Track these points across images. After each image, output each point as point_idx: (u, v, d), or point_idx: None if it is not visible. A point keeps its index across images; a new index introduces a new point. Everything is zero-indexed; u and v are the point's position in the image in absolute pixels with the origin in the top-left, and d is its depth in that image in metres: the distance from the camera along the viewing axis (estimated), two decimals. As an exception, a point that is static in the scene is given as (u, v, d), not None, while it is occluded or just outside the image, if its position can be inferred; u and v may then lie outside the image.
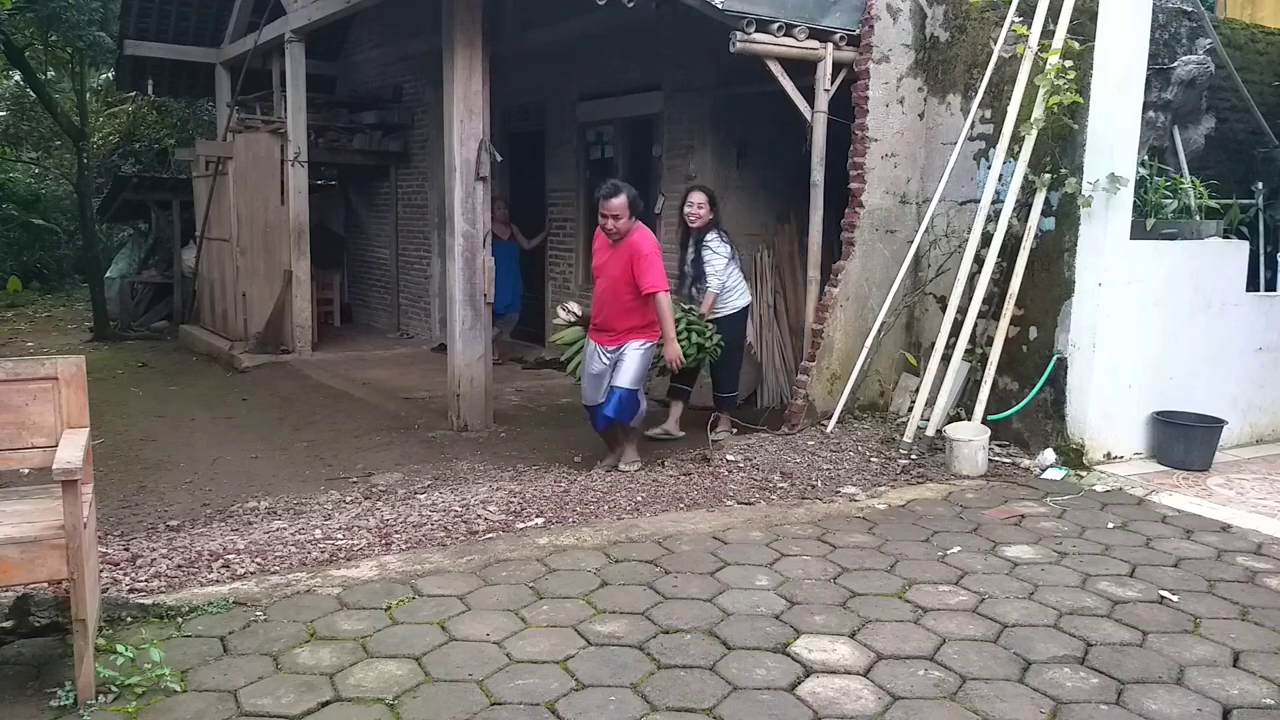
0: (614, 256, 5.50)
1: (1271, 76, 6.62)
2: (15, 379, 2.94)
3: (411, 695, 2.80)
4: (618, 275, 5.48)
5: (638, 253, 5.39)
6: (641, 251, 5.38)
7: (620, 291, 5.48)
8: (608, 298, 5.56)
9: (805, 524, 4.40)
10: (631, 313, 5.50)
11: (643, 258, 5.36)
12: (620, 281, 5.46)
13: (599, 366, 5.57)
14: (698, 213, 6.39)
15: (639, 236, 5.45)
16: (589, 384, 5.66)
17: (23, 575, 2.66)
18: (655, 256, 5.42)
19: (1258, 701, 2.85)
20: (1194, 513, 4.62)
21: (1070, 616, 3.42)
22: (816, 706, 2.77)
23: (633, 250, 5.40)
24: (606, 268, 5.56)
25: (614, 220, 5.40)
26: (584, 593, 3.54)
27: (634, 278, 5.39)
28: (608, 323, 5.57)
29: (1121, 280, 5.30)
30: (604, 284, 5.58)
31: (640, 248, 5.39)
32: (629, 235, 5.46)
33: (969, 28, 6.07)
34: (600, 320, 5.62)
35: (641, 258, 5.36)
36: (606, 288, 5.56)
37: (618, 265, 5.47)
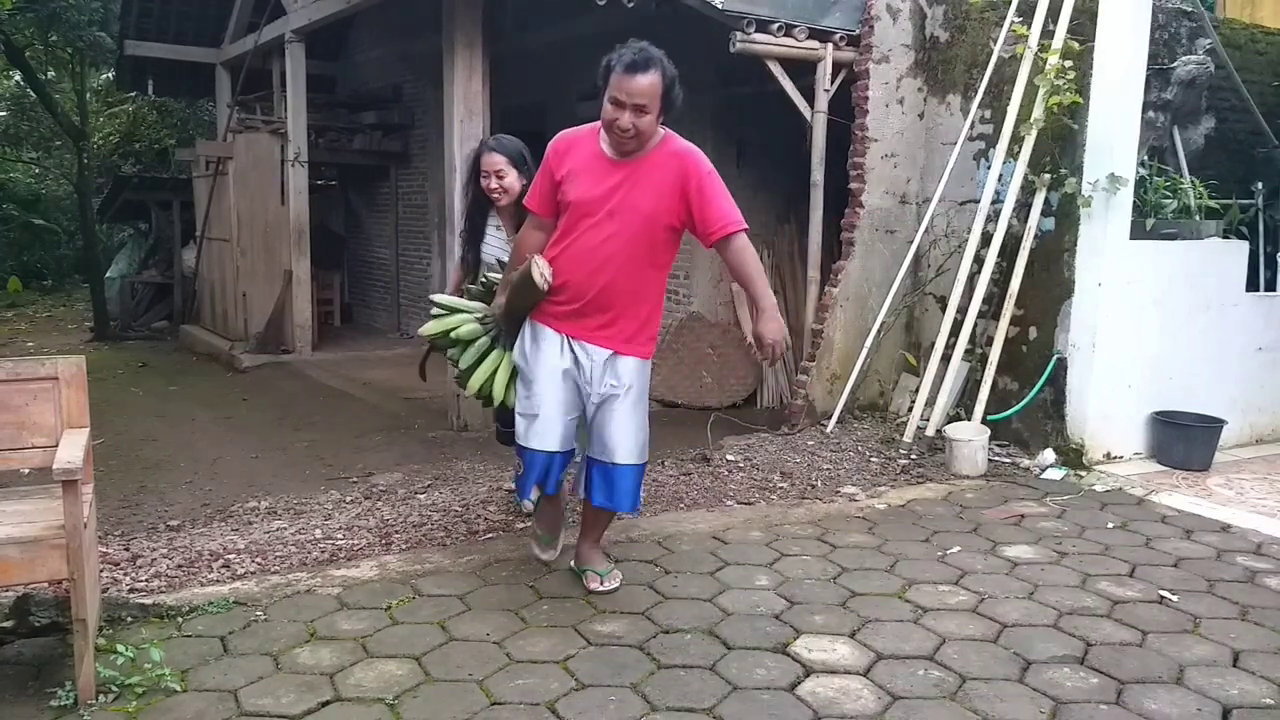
0: (631, 182, 3.24)
1: (1271, 76, 6.62)
2: (15, 379, 2.94)
3: (412, 695, 2.80)
4: (643, 217, 3.24)
5: (694, 172, 3.23)
6: (702, 170, 3.25)
7: (639, 250, 3.27)
8: (611, 258, 3.25)
9: (805, 524, 4.40)
10: (645, 292, 3.35)
11: (705, 177, 3.24)
12: (647, 229, 3.26)
13: (566, 377, 3.34)
14: (503, 187, 4.01)
15: (685, 149, 3.30)
16: (550, 405, 3.33)
17: (23, 575, 2.66)
18: (719, 178, 3.31)
19: (1258, 701, 2.85)
20: (1194, 513, 4.62)
21: (1070, 616, 3.42)
22: (816, 706, 2.77)
23: (683, 169, 3.24)
24: (614, 203, 3.24)
25: (636, 114, 3.12)
26: (584, 592, 3.54)
27: (680, 221, 3.28)
28: (602, 302, 3.29)
29: (1121, 280, 5.31)
30: (605, 233, 3.24)
31: (698, 163, 3.26)
32: (661, 146, 3.28)
33: (969, 28, 6.07)
34: (582, 297, 3.28)
35: (704, 178, 3.24)
36: (612, 240, 3.24)
37: (646, 197, 3.24)
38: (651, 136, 3.23)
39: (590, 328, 3.32)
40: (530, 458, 3.38)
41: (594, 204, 3.23)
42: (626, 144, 3.19)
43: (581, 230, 3.26)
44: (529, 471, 3.39)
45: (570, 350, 3.35)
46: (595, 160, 3.28)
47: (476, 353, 3.65)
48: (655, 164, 3.25)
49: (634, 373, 3.35)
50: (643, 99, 3.10)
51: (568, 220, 3.29)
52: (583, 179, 3.26)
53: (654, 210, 3.23)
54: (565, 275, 3.28)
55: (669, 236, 3.33)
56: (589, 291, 3.27)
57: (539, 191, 3.39)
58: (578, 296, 3.29)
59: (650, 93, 3.11)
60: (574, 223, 3.27)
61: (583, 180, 3.26)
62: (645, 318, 3.38)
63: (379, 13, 9.95)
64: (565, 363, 3.34)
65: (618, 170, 3.24)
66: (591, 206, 3.24)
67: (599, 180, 3.24)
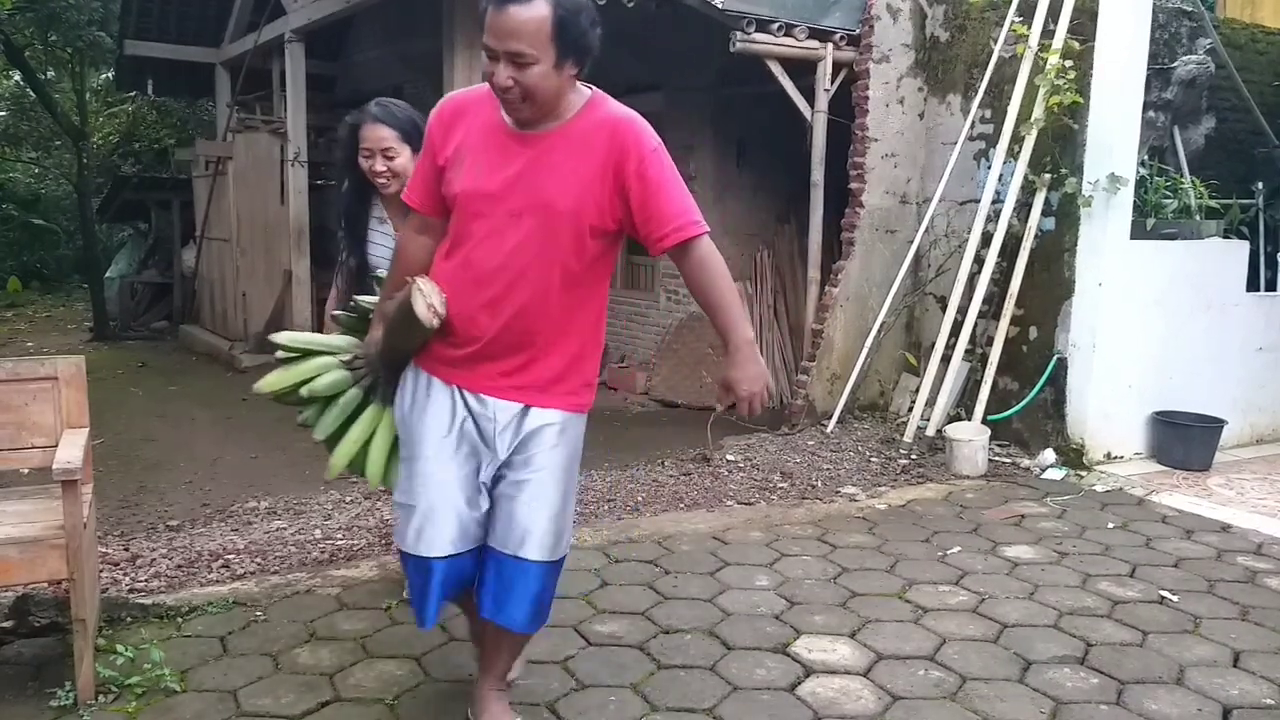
0: (541, 166, 2.25)
1: (1272, 76, 6.62)
2: (15, 379, 2.94)
3: (411, 695, 2.80)
4: (560, 217, 2.25)
5: (633, 149, 2.24)
6: (644, 146, 2.25)
7: (559, 263, 2.28)
8: (520, 277, 2.28)
9: (805, 524, 4.40)
10: (573, 321, 2.37)
11: (649, 157, 2.24)
12: (568, 234, 2.26)
13: (463, 447, 2.36)
14: (391, 169, 3.05)
15: (619, 116, 2.28)
16: (439, 490, 2.35)
17: (23, 575, 2.66)
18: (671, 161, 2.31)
19: (1258, 701, 2.85)
20: (1194, 513, 4.62)
21: (1070, 616, 3.42)
22: (817, 706, 2.77)
23: (617, 145, 2.24)
24: (518, 197, 2.25)
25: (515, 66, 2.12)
26: (584, 592, 3.54)
27: (615, 221, 2.28)
28: (510, 340, 2.33)
29: (1122, 280, 5.30)
30: (509, 242, 2.26)
31: (639, 137, 2.25)
32: (585, 113, 2.27)
33: (969, 27, 6.07)
34: (481, 335, 2.32)
35: (648, 158, 2.24)
36: (520, 252, 2.27)
37: (563, 188, 2.24)
38: (555, 97, 2.17)
39: (492, 375, 2.32)
40: (415, 569, 2.36)
41: (488, 199, 2.23)
42: (517, 110, 2.17)
43: (476, 238, 2.25)
44: (417, 588, 2.39)
45: (466, 408, 2.34)
46: (492, 135, 2.25)
47: (342, 413, 2.66)
48: (576, 138, 2.22)
49: (556, 433, 2.35)
50: (519, 42, 2.07)
51: (456, 223, 2.30)
52: (473, 162, 2.24)
53: (576, 206, 2.21)
54: (455, 304, 2.29)
55: (602, 243, 2.29)
56: (490, 326, 2.27)
57: (420, 178, 2.40)
58: (475, 334, 2.29)
59: (529, 31, 2.07)
60: (464, 226, 2.27)
61: (473, 164, 2.24)
62: (574, 355, 2.36)
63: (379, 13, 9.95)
64: (460, 427, 2.34)
65: (522, 149, 2.22)
66: (485, 203, 2.23)
67: (496, 164, 2.23)
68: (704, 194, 7.90)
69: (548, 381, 2.36)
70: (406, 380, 2.45)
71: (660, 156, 2.25)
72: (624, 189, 2.23)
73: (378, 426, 2.67)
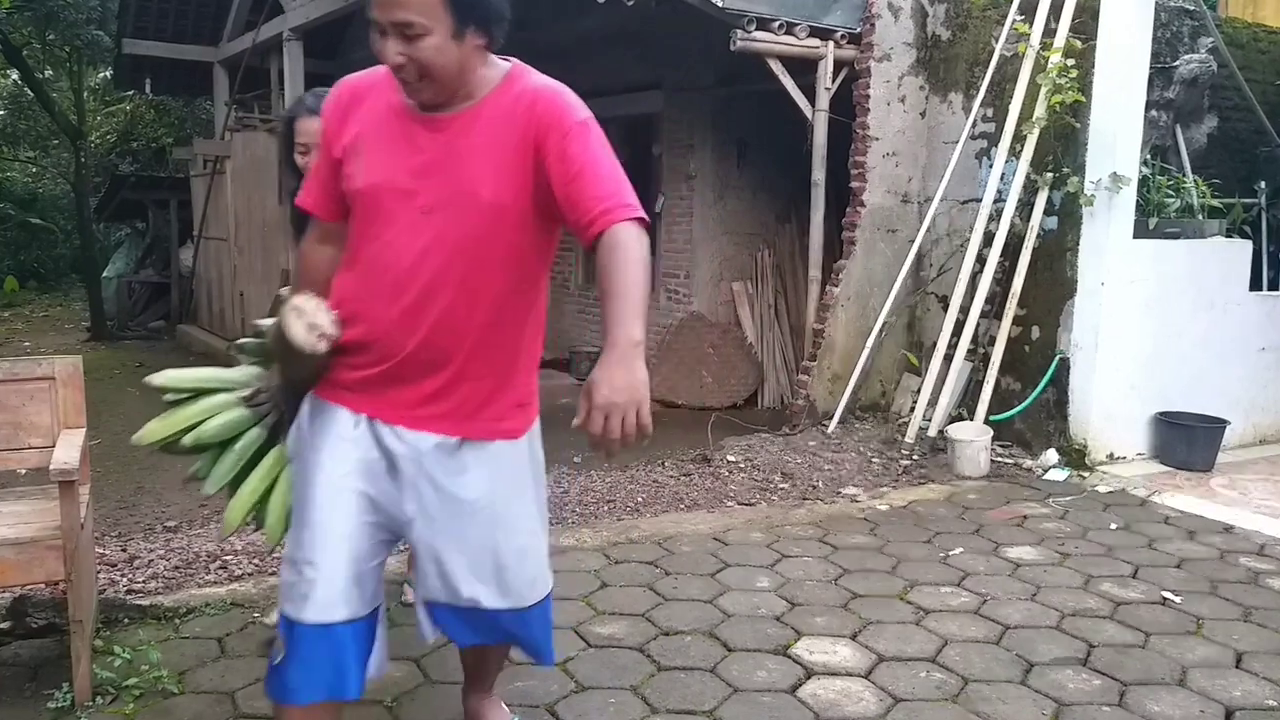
0: (454, 153, 1.93)
1: (1274, 75, 6.60)
2: (12, 379, 2.92)
3: (410, 697, 2.79)
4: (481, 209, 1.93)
5: (555, 123, 1.91)
6: (567, 119, 1.92)
7: (483, 263, 1.96)
8: (436, 283, 1.94)
9: (806, 525, 4.38)
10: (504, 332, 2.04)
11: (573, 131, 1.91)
12: (491, 229, 1.94)
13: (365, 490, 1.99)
14: None
15: (538, 87, 1.98)
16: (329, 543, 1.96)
17: (19, 576, 2.64)
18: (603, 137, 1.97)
19: (1260, 703, 2.84)
20: (1197, 513, 4.61)
21: (1072, 618, 3.40)
22: (818, 708, 2.76)
23: (536, 120, 1.92)
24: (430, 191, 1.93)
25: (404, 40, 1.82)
26: (583, 594, 3.52)
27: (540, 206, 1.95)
28: (428, 357, 1.97)
29: (1124, 279, 5.29)
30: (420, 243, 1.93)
31: (562, 109, 1.94)
32: (502, 89, 1.96)
33: (970, 26, 6.06)
34: (393, 353, 1.97)
35: (572, 132, 1.91)
36: (432, 253, 1.93)
37: (481, 175, 1.92)
38: (459, 73, 1.87)
39: (408, 402, 1.96)
40: (297, 636, 1.95)
41: (395, 195, 1.92)
42: (416, 92, 1.89)
43: (382, 240, 1.93)
44: (295, 659, 1.96)
45: (377, 444, 1.98)
46: (396, 121, 1.94)
47: (239, 459, 2.30)
48: (492, 118, 1.91)
49: (499, 469, 2.03)
50: (404, 11, 1.80)
51: (358, 224, 1.98)
52: (374, 153, 1.94)
53: (496, 195, 1.90)
54: (363, 318, 1.95)
55: (534, 234, 1.97)
56: (403, 343, 1.93)
57: (317, 178, 2.08)
58: (386, 352, 1.94)
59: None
60: (367, 228, 1.96)
61: (374, 155, 1.94)
62: (505, 370, 2.02)
63: (378, 11, 9.94)
64: (366, 466, 1.97)
65: (431, 135, 1.92)
66: (390, 199, 1.92)
67: (401, 153, 1.93)
68: (704, 194, 7.89)
69: (476, 406, 2.00)
70: (303, 411, 2.07)
71: (587, 131, 1.92)
72: (545, 170, 1.90)
73: (280, 474, 2.27)
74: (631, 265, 1.82)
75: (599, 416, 1.68)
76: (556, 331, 9.86)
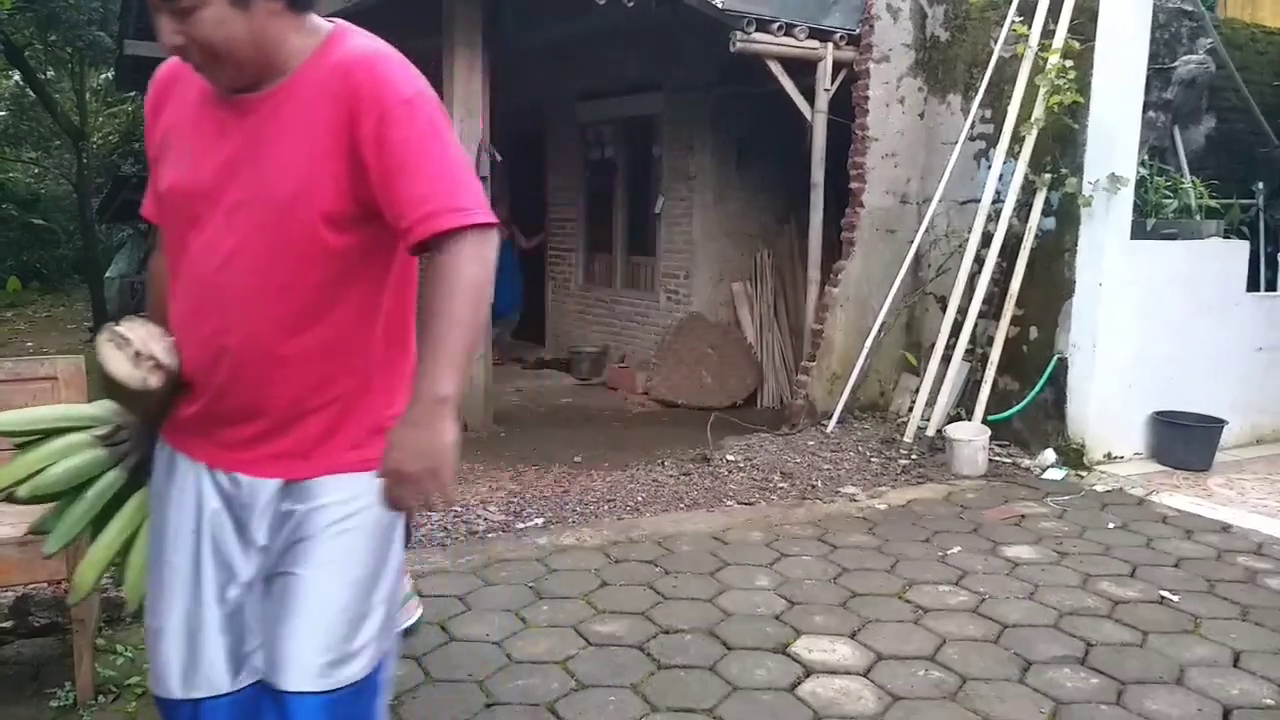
0: (257, 142, 1.59)
1: (1272, 76, 6.62)
2: (15, 378, 2.94)
3: (411, 695, 2.80)
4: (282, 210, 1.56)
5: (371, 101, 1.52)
6: (388, 97, 1.53)
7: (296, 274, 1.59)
8: (239, 299, 1.60)
9: (805, 524, 4.40)
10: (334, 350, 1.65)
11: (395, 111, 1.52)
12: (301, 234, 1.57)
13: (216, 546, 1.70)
14: None
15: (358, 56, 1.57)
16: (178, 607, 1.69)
17: (22, 575, 2.65)
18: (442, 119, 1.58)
19: (1258, 701, 2.85)
20: (1194, 513, 4.62)
21: (1071, 617, 3.41)
22: (817, 707, 2.77)
23: (350, 96, 1.53)
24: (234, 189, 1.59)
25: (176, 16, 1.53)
26: (584, 593, 3.54)
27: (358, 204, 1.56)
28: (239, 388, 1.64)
29: (1122, 280, 5.30)
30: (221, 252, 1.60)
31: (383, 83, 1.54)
32: (315, 60, 1.58)
33: (969, 27, 6.07)
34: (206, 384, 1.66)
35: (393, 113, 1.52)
36: (232, 264, 1.59)
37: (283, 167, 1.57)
38: (256, 46, 1.53)
39: (238, 442, 1.66)
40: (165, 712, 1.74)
41: (200, 198, 1.61)
42: (211, 75, 1.58)
43: (190, 252, 1.63)
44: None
45: (217, 492, 1.69)
46: (204, 109, 1.64)
47: (91, 508, 1.91)
48: (302, 96, 1.57)
49: (338, 510, 1.66)
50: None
51: (169, 233, 1.70)
52: (181, 148, 1.65)
53: (302, 189, 1.55)
54: (182, 345, 1.67)
55: (363, 236, 1.60)
56: (215, 372, 1.64)
57: (151, 182, 1.76)
58: (202, 384, 1.67)
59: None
60: (177, 237, 1.67)
61: (181, 150, 1.65)
62: (350, 394, 1.67)
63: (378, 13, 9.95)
64: (209, 519, 1.69)
65: (238, 122, 1.60)
66: (196, 203, 1.62)
67: (208, 147, 1.61)
68: (704, 195, 7.91)
69: (316, 439, 1.66)
70: (158, 455, 1.79)
71: (414, 110, 1.53)
72: (361, 159, 1.53)
73: (142, 523, 1.89)
74: (451, 298, 1.51)
75: (388, 485, 1.51)
76: (557, 331, 9.88)
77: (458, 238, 1.50)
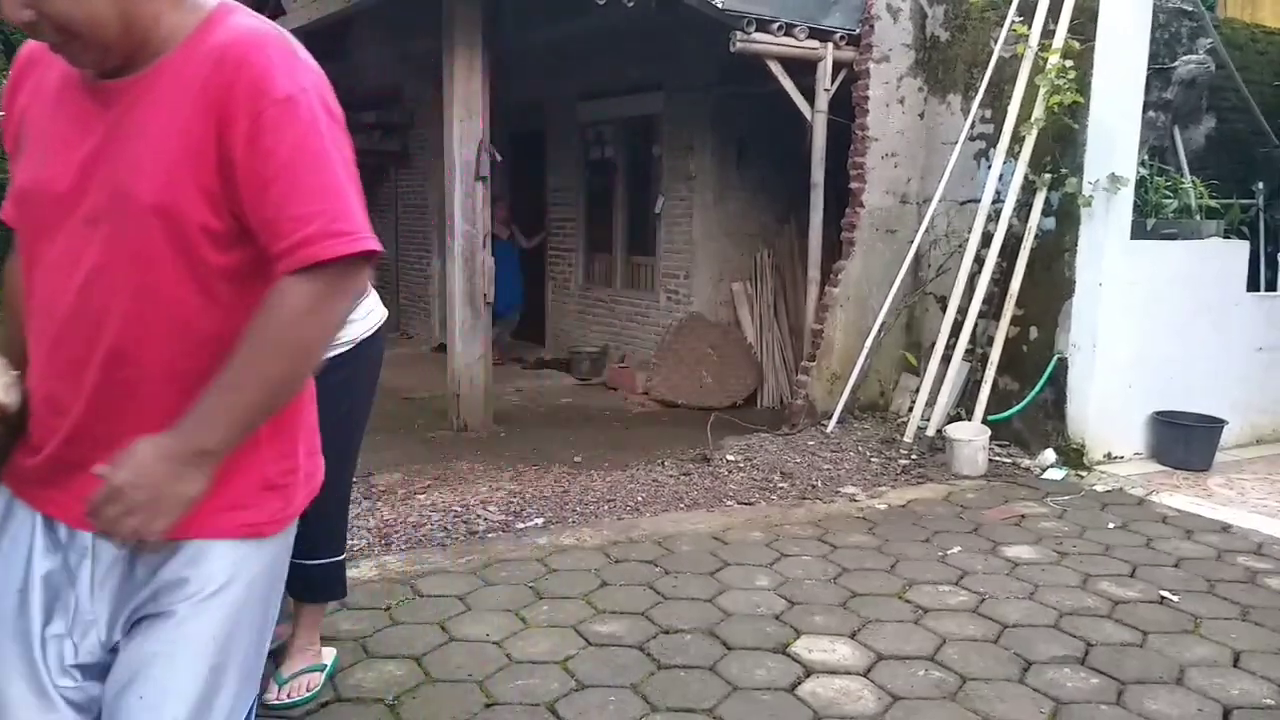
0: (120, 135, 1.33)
1: (1272, 76, 6.62)
2: (15, 379, 2.94)
3: (411, 696, 2.80)
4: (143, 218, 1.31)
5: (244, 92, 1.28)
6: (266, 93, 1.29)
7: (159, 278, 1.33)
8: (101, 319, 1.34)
9: (805, 524, 4.40)
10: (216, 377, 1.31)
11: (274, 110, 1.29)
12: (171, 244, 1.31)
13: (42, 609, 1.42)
14: None
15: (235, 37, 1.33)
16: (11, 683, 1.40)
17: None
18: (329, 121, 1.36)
19: (1258, 701, 2.85)
20: (1194, 513, 4.62)
21: (1071, 617, 3.41)
22: (817, 707, 2.77)
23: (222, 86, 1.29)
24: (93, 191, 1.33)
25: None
26: (584, 593, 3.54)
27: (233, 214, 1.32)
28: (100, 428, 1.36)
29: (1122, 280, 5.30)
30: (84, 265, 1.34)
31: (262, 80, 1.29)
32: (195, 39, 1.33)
33: (969, 27, 6.07)
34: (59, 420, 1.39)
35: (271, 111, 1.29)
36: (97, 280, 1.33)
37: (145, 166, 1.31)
38: (120, 23, 1.30)
39: (87, 492, 1.31)
40: None
41: (54, 202, 1.38)
42: (69, 56, 1.34)
43: (44, 265, 1.40)
44: None
45: (55, 547, 1.44)
46: (65, 95, 1.40)
47: None
48: (171, 85, 1.33)
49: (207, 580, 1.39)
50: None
51: (22, 242, 1.46)
52: (38, 143, 1.42)
53: (168, 196, 1.31)
54: (32, 375, 1.44)
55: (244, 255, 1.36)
56: (67, 411, 1.39)
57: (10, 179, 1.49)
58: (51, 424, 1.42)
59: None
60: (30, 248, 1.44)
61: (38, 145, 1.42)
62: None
63: (378, 13, 9.96)
64: (41, 580, 1.43)
65: (102, 112, 1.36)
66: (50, 208, 1.38)
67: (68, 142, 1.38)
68: (704, 194, 7.91)
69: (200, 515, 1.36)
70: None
71: (292, 112, 1.29)
72: (231, 164, 1.29)
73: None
74: (264, 345, 1.29)
75: (100, 496, 1.27)
76: (557, 331, 9.88)
77: (317, 273, 1.29)
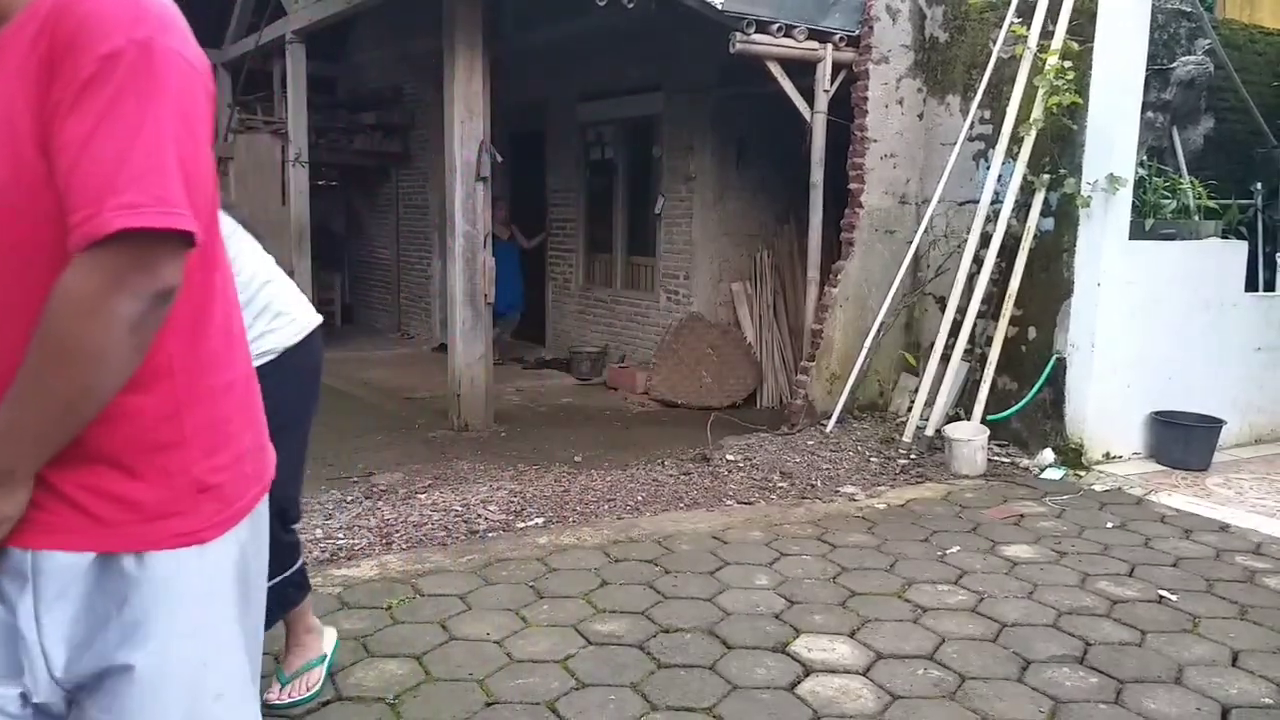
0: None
1: (1270, 77, 6.63)
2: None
3: (412, 694, 2.81)
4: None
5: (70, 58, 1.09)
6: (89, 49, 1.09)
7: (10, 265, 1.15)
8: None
9: (805, 523, 4.41)
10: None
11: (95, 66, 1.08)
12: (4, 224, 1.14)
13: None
14: None
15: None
16: None
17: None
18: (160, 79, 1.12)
19: (1256, 701, 2.86)
20: (1193, 512, 4.63)
21: (1069, 616, 3.42)
22: (816, 706, 2.78)
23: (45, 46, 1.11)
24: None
25: None
26: (584, 592, 3.55)
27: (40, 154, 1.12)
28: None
29: (1120, 280, 5.31)
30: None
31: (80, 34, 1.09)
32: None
33: (968, 28, 6.08)
34: None
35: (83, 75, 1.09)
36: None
37: None
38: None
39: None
40: None
41: None
42: None
43: None
44: None
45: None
46: None
47: None
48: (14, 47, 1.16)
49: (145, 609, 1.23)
50: None
51: None
52: None
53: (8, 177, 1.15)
54: None
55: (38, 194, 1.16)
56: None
57: None
58: None
59: None
60: None
61: None
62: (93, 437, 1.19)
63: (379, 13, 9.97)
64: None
65: None
66: None
67: None
68: (704, 195, 7.92)
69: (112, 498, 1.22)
70: None
71: (112, 68, 1.10)
72: (50, 118, 1.13)
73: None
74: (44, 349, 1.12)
75: None
76: (557, 331, 9.89)
77: (100, 257, 1.08)
